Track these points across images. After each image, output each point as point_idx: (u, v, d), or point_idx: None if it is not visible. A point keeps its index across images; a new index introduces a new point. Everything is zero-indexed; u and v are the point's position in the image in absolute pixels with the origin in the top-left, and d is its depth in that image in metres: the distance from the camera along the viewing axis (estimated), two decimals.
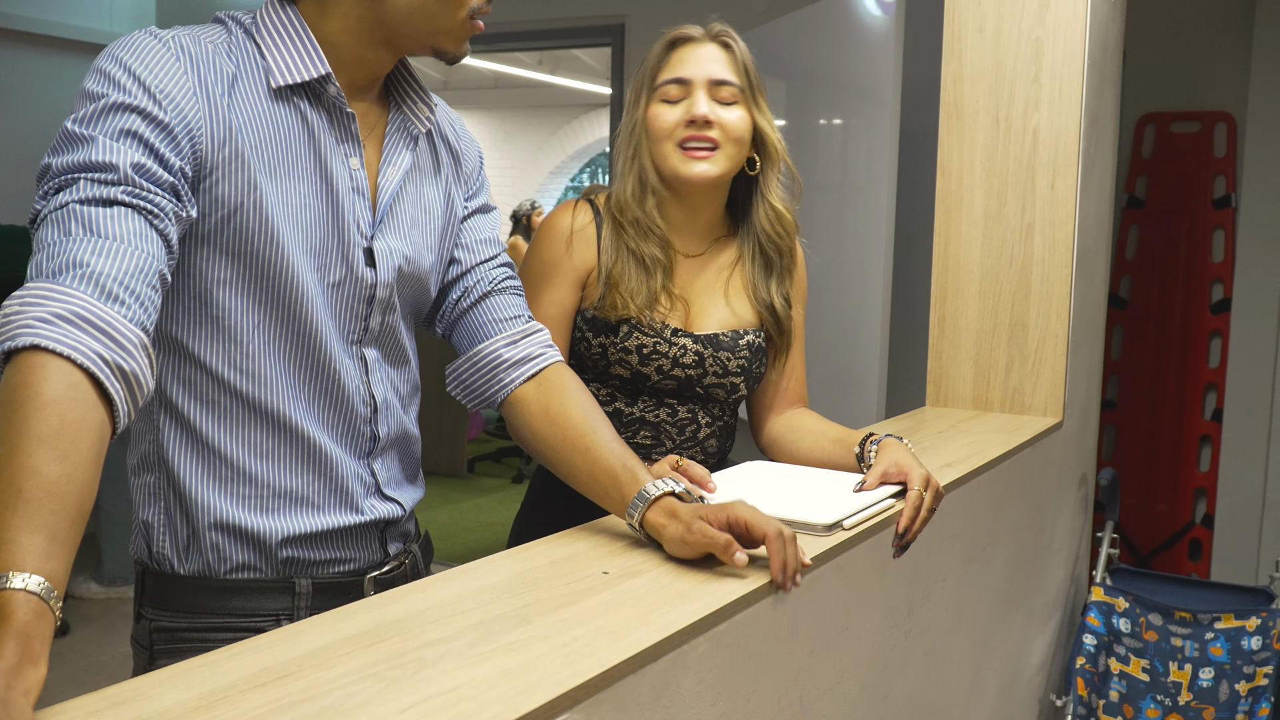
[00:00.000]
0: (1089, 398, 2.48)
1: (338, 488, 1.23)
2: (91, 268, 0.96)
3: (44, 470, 0.83)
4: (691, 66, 1.61)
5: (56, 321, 0.91)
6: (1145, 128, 4.38)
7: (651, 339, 1.62)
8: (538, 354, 1.36)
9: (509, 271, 1.41)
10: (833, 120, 3.30)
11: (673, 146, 1.60)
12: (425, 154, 1.31)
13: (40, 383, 0.87)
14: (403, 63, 1.27)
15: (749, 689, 1.12)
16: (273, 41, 1.16)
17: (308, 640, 0.93)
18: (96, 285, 0.95)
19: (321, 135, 1.18)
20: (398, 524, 1.32)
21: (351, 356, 1.24)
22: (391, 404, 1.29)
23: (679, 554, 1.19)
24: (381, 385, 1.27)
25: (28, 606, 0.76)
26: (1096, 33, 2.20)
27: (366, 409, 1.26)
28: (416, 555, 1.37)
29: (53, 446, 0.84)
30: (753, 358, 1.68)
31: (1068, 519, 2.41)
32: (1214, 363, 4.33)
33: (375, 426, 1.27)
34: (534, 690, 0.84)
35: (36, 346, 0.89)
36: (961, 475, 1.65)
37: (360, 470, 1.26)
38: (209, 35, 1.15)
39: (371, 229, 1.22)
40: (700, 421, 1.68)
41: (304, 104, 1.17)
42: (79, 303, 0.93)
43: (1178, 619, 2.34)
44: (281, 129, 1.15)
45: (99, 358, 0.91)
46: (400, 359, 1.31)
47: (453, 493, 6.32)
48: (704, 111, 1.58)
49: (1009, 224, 2.23)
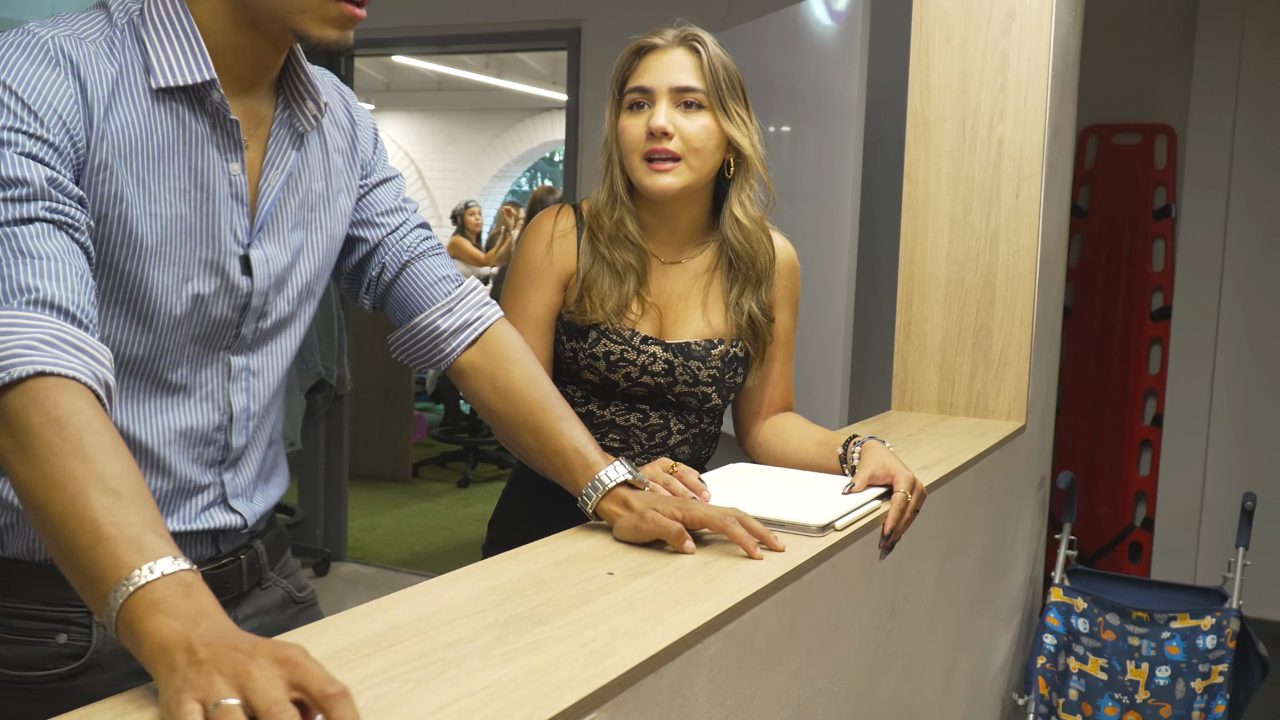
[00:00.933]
0: (1048, 402, 2.53)
1: (175, 497, 1.19)
2: (42, 292, 0.95)
3: (125, 474, 0.87)
4: (654, 75, 1.59)
5: (45, 347, 0.92)
6: (1088, 139, 4.48)
7: (619, 346, 1.62)
8: (474, 318, 1.35)
9: (424, 233, 1.38)
10: (796, 129, 3.33)
11: (639, 159, 1.59)
12: (315, 149, 1.26)
13: (72, 401, 0.89)
14: (294, 59, 1.22)
15: (753, 688, 1.13)
16: (158, 37, 1.10)
17: (327, 641, 0.92)
18: (54, 309, 0.95)
19: (201, 141, 1.13)
20: (235, 532, 1.27)
21: (213, 364, 1.20)
22: (251, 413, 1.25)
23: (628, 539, 1.24)
24: (243, 394, 1.23)
25: (201, 581, 0.81)
26: (1059, 45, 2.25)
27: (222, 416, 1.22)
28: (259, 552, 1.31)
29: (118, 455, 0.88)
30: (725, 368, 1.66)
31: (1028, 521, 2.46)
32: (1154, 369, 4.44)
33: (229, 435, 1.23)
34: (562, 690, 0.84)
35: (43, 373, 0.90)
36: (940, 477, 1.68)
37: (208, 480, 1.22)
38: (90, 31, 1.09)
39: (249, 236, 1.18)
40: (672, 428, 1.67)
41: (184, 108, 1.11)
42: (52, 328, 0.93)
43: (1135, 619, 2.40)
44: (156, 135, 1.10)
45: (93, 375, 0.93)
46: (274, 362, 1.27)
47: (398, 498, 6.26)
48: (661, 123, 1.56)
49: (974, 231, 2.27)
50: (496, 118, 11.52)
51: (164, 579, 0.79)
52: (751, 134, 1.62)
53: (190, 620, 0.77)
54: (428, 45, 5.87)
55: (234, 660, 0.72)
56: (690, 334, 1.66)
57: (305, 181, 1.24)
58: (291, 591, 1.36)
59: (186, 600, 0.78)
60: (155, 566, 0.80)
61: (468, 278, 1.40)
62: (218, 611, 0.79)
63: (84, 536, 0.82)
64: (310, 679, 0.72)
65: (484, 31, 5.28)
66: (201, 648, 0.74)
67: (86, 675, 1.15)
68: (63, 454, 0.86)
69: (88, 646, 1.15)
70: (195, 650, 0.74)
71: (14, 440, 0.88)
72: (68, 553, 0.84)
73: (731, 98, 1.60)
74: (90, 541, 0.82)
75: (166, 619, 0.77)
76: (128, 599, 0.79)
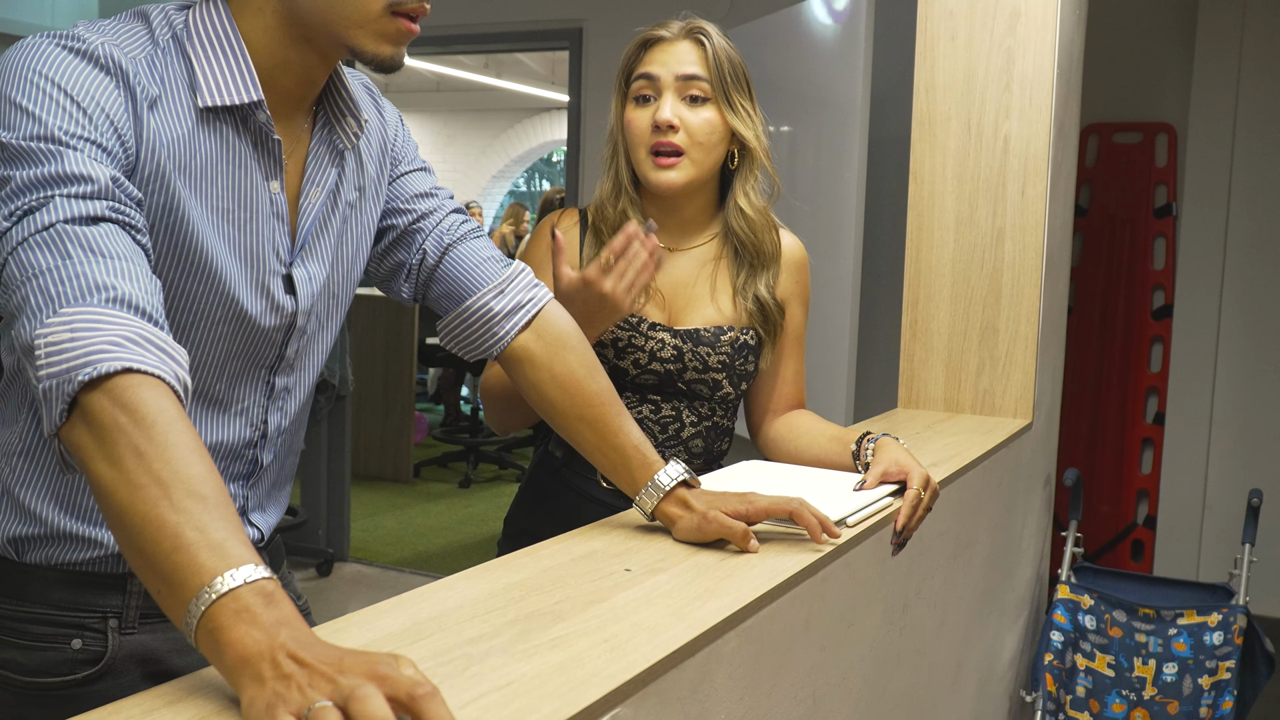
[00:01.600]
0: (1053, 400, 2.54)
1: None
2: (118, 290, 0.93)
3: (208, 477, 0.85)
4: (660, 64, 1.60)
5: (129, 345, 0.89)
6: (1089, 138, 4.48)
7: (627, 332, 1.62)
8: (527, 299, 1.31)
9: (462, 216, 1.35)
10: (800, 128, 3.33)
11: (645, 153, 1.60)
12: (351, 161, 1.24)
13: (159, 399, 0.87)
14: (337, 76, 1.20)
15: (770, 684, 1.13)
16: (204, 52, 1.08)
17: (348, 637, 0.92)
18: (132, 307, 0.93)
19: (244, 160, 1.11)
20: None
21: (255, 383, 1.19)
22: (283, 430, 1.25)
23: (690, 540, 1.23)
24: (279, 414, 1.23)
25: (281, 590, 0.80)
26: (1064, 43, 2.26)
27: (255, 434, 1.21)
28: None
29: (201, 456, 0.86)
30: (735, 354, 1.66)
31: (1035, 518, 2.46)
32: (1155, 367, 4.45)
33: (259, 452, 1.22)
34: (587, 685, 0.85)
35: (130, 369, 0.88)
36: (951, 473, 1.68)
37: (234, 494, 1.21)
38: (132, 45, 1.06)
39: (291, 255, 1.17)
40: (685, 420, 1.67)
41: (228, 127, 1.10)
42: (134, 326, 0.91)
43: (1141, 615, 2.40)
44: (200, 153, 1.08)
45: (175, 375, 0.92)
46: (310, 379, 1.27)
47: (399, 498, 6.26)
48: (666, 116, 1.57)
49: (980, 229, 2.27)
50: (495, 118, 11.52)
51: (246, 587, 0.78)
52: (756, 126, 1.64)
53: (273, 630, 0.76)
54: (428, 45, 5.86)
55: (323, 675, 0.72)
56: (699, 321, 1.67)
57: (343, 195, 1.23)
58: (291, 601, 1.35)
59: (268, 609, 0.77)
60: (237, 574, 0.78)
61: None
62: (298, 620, 0.78)
63: (166, 541, 0.81)
64: (399, 687, 0.71)
65: (485, 31, 5.28)
66: (285, 660, 0.73)
67: (102, 681, 1.14)
68: (147, 455, 0.84)
69: (103, 652, 1.14)
70: (280, 663, 0.73)
71: (96, 439, 0.86)
72: (149, 557, 0.82)
73: (736, 90, 1.61)
74: (172, 546, 0.80)
75: (249, 629, 0.76)
76: (210, 607, 0.77)
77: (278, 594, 0.80)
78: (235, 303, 1.12)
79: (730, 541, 1.22)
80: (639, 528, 1.29)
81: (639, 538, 1.26)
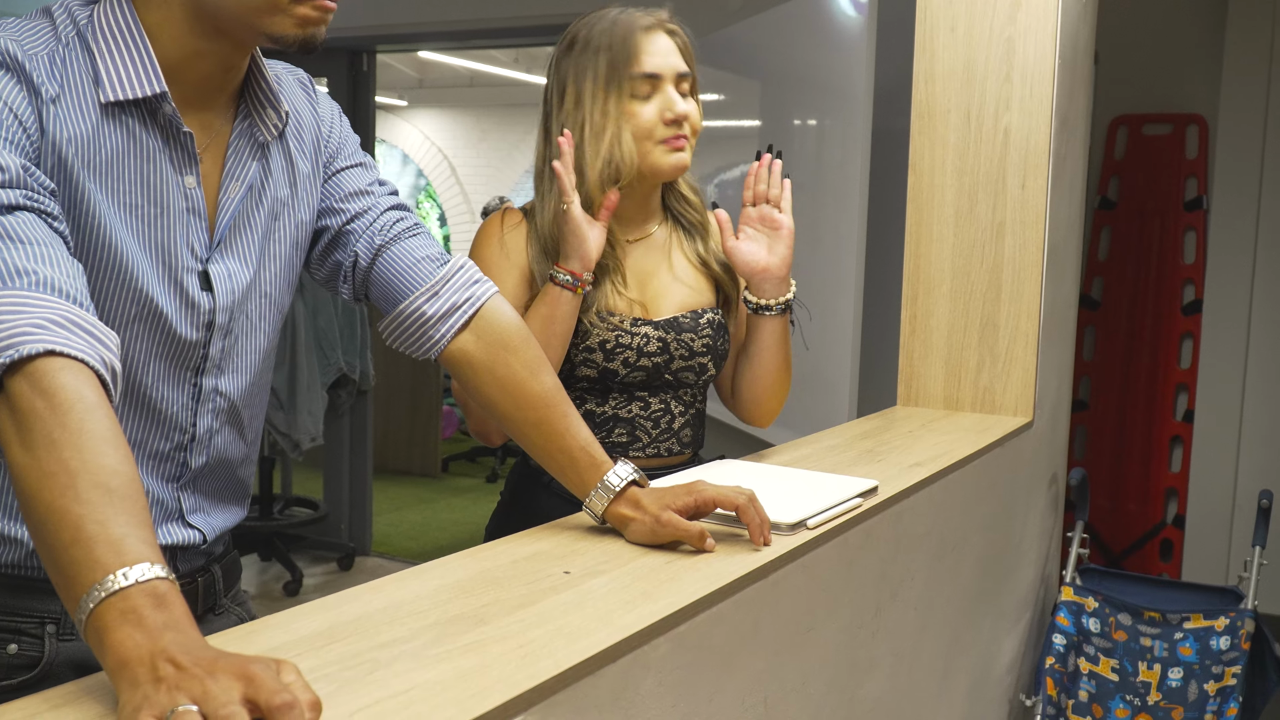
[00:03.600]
0: (1059, 397, 2.48)
1: None
2: (41, 275, 0.92)
3: (120, 469, 0.83)
4: (659, 60, 1.62)
5: (53, 327, 0.88)
6: (1118, 129, 4.40)
7: (613, 333, 1.61)
8: (464, 299, 1.27)
9: (398, 214, 1.30)
10: (806, 119, 3.29)
11: (653, 144, 1.62)
12: (278, 156, 1.22)
13: (78, 385, 0.86)
14: (256, 67, 1.18)
15: (711, 689, 1.11)
16: (107, 47, 1.07)
17: (260, 640, 0.91)
18: (56, 290, 0.92)
19: (153, 155, 1.09)
20: (193, 549, 1.24)
21: (181, 385, 1.17)
22: (215, 431, 1.21)
23: (642, 543, 1.20)
24: (209, 415, 1.20)
25: (175, 591, 0.78)
26: (1067, 33, 2.21)
27: (183, 436, 1.19)
28: (215, 576, 1.28)
29: (115, 446, 0.84)
30: (716, 335, 1.69)
31: (1038, 519, 2.41)
32: (1185, 364, 4.35)
33: (188, 454, 1.20)
34: (488, 692, 0.83)
35: (52, 352, 0.86)
36: (929, 475, 1.65)
37: (164, 495, 1.19)
38: (34, 42, 1.05)
39: (207, 251, 1.15)
40: (674, 411, 1.68)
41: (134, 121, 1.08)
42: (58, 308, 0.90)
43: (1147, 619, 2.35)
44: (105, 149, 1.06)
45: (100, 359, 0.90)
46: (245, 381, 1.23)
47: (426, 493, 6.29)
48: (684, 109, 1.63)
49: (980, 223, 2.23)
50: (528, 113, 11.51)
51: (137, 587, 0.76)
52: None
53: (156, 634, 0.74)
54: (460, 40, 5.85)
55: (194, 677, 0.70)
56: (674, 307, 1.69)
57: (270, 190, 1.21)
58: (244, 619, 1.33)
59: (156, 611, 0.76)
60: (130, 573, 0.77)
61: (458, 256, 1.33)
62: (187, 624, 0.77)
63: (66, 532, 0.79)
64: (261, 691, 0.70)
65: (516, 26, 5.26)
66: (163, 664, 0.72)
67: (39, 687, 1.13)
68: (60, 443, 0.82)
69: (40, 657, 1.13)
70: (157, 667, 0.72)
71: (15, 424, 0.85)
72: (50, 548, 0.81)
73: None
74: (71, 538, 0.79)
75: (133, 631, 0.74)
76: (98, 605, 0.76)
77: (170, 595, 0.78)
78: (148, 300, 1.10)
79: (686, 542, 1.19)
80: (591, 529, 1.27)
81: (588, 539, 1.23)
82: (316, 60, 5.11)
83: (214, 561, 1.29)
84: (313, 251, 1.30)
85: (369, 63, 5.08)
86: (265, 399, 1.31)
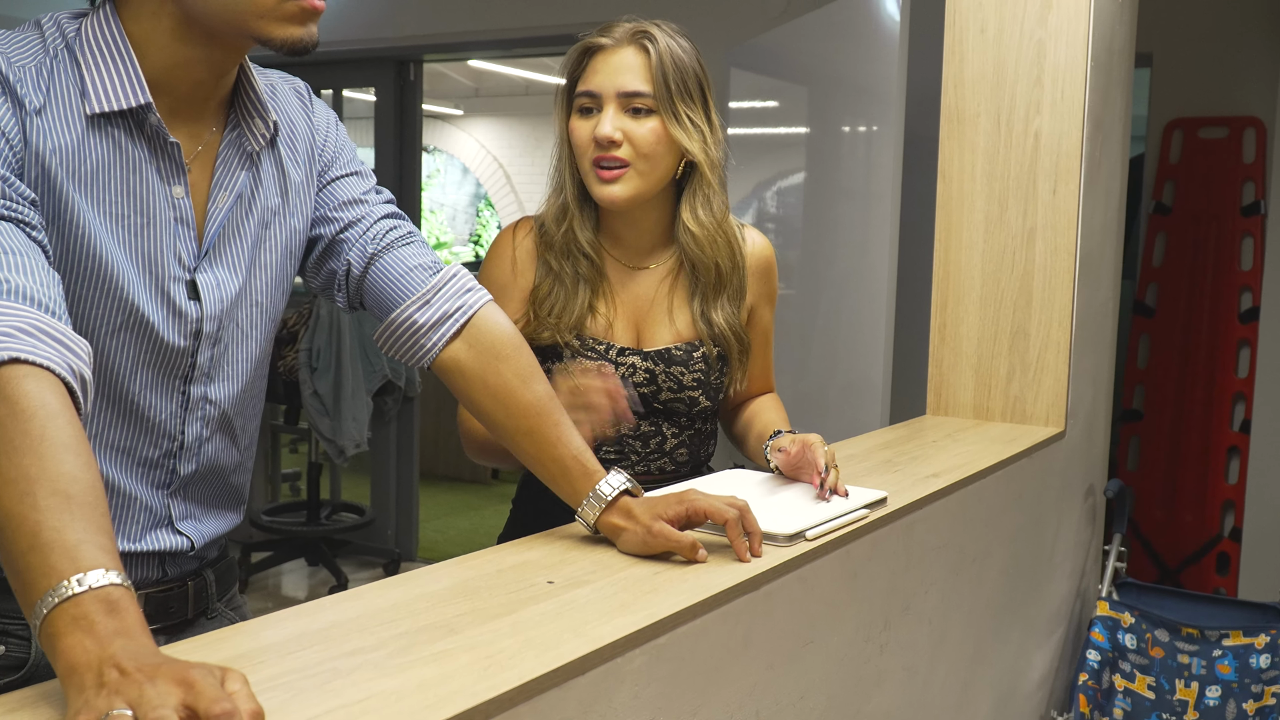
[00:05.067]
0: (1095, 407, 2.42)
1: (118, 515, 1.16)
2: (13, 284, 0.93)
3: (80, 475, 0.84)
4: (601, 77, 1.53)
5: (20, 335, 0.89)
6: (1173, 133, 4.30)
7: (596, 361, 1.56)
8: (455, 308, 1.26)
9: (392, 223, 1.29)
10: (840, 125, 3.26)
11: (589, 165, 1.54)
12: (269, 166, 1.22)
13: (41, 393, 0.87)
14: (245, 77, 1.18)
15: (696, 703, 1.09)
16: (93, 59, 1.08)
17: (226, 647, 0.91)
18: (28, 298, 0.93)
19: (139, 165, 1.10)
20: (181, 554, 1.24)
21: (169, 394, 1.17)
22: (204, 439, 1.22)
23: (635, 553, 1.19)
24: (198, 424, 1.20)
25: (130, 597, 0.78)
26: (1101, 34, 2.16)
27: (172, 444, 1.19)
28: (208, 580, 1.29)
29: (77, 453, 0.85)
30: (709, 369, 1.62)
31: (1072, 531, 2.36)
32: (1242, 373, 4.24)
33: (177, 462, 1.20)
34: (444, 702, 0.82)
35: (17, 360, 0.87)
36: (944, 486, 1.61)
37: (153, 501, 1.19)
38: (22, 54, 1.07)
39: (196, 260, 1.15)
40: (665, 433, 1.63)
41: (120, 132, 1.09)
42: (27, 316, 0.91)
43: (1185, 635, 2.28)
44: (90, 160, 1.07)
45: (69, 368, 0.91)
46: (235, 389, 1.23)
47: (475, 499, 6.31)
48: (606, 131, 1.50)
49: (1010, 229, 2.18)
50: None
51: (90, 593, 0.77)
52: (706, 137, 1.55)
53: (105, 640, 0.74)
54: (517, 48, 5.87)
55: (134, 683, 0.71)
56: (669, 339, 1.62)
57: (261, 200, 1.21)
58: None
59: (108, 618, 0.76)
60: (84, 579, 0.77)
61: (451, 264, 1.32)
62: (139, 631, 0.77)
63: (24, 539, 0.80)
64: (200, 699, 0.70)
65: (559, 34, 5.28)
66: (109, 670, 0.72)
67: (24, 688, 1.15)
68: (20, 449, 0.83)
69: (26, 659, 1.14)
70: (103, 674, 0.72)
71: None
72: (7, 554, 0.81)
73: (683, 100, 1.53)
74: (28, 545, 0.80)
75: (83, 638, 0.75)
76: (51, 611, 0.76)
77: (123, 602, 0.78)
78: (134, 309, 1.11)
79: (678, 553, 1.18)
80: (583, 539, 1.26)
81: (579, 549, 1.22)
82: (363, 70, 5.17)
83: (206, 566, 1.29)
84: (307, 260, 1.31)
85: (415, 72, 5.12)
86: (260, 406, 1.32)
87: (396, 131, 5.12)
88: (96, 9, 1.11)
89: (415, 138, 5.18)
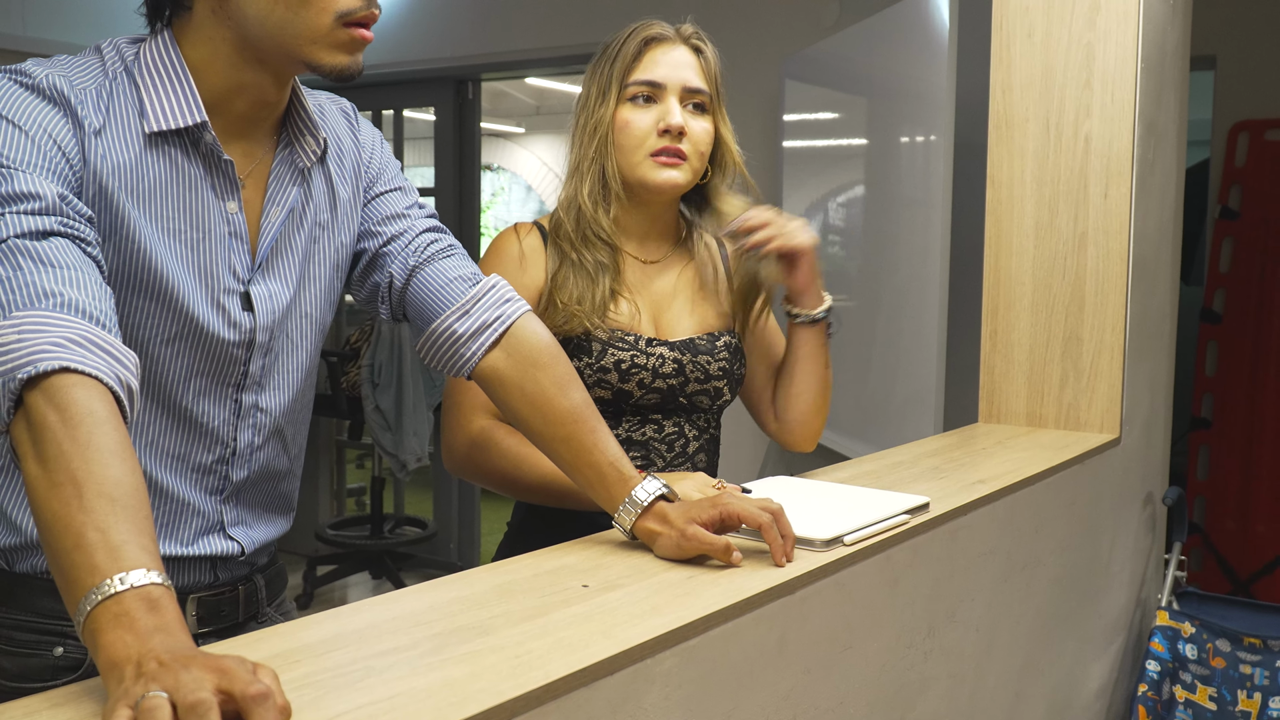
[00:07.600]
0: (1154, 414, 2.39)
1: (171, 520, 1.21)
2: (66, 297, 0.97)
3: (124, 479, 0.87)
4: (665, 69, 1.57)
5: (71, 345, 0.93)
6: (1238, 136, 4.22)
7: (628, 353, 1.58)
8: (494, 317, 1.28)
9: (433, 236, 1.34)
10: (900, 133, 3.24)
11: (644, 155, 1.57)
12: (319, 182, 1.27)
13: (89, 400, 0.90)
14: (296, 97, 1.23)
15: (729, 705, 1.10)
16: (151, 81, 1.13)
17: (265, 646, 0.93)
18: (80, 311, 0.97)
19: (195, 182, 1.15)
20: (232, 559, 1.28)
21: (222, 401, 1.22)
22: (256, 446, 1.26)
23: (669, 557, 1.20)
24: (250, 431, 1.25)
25: (170, 597, 0.82)
26: (1151, 36, 2.13)
27: (225, 450, 1.23)
28: (258, 585, 1.33)
29: (122, 459, 0.89)
30: (733, 358, 1.66)
31: (1131, 540, 2.32)
32: None
33: (230, 468, 1.25)
34: (471, 700, 0.83)
35: (67, 369, 0.91)
36: (990, 492, 1.60)
37: (206, 507, 1.24)
38: (83, 77, 1.12)
39: (249, 273, 1.20)
40: (688, 435, 1.64)
41: (177, 151, 1.14)
42: (79, 328, 0.95)
43: (1246, 645, 2.23)
44: (148, 177, 1.12)
45: (116, 377, 0.95)
46: (286, 399, 1.28)
47: None
48: (679, 121, 1.56)
49: (1061, 234, 2.16)
50: None
51: (131, 591, 0.80)
52: (735, 139, 1.64)
53: (145, 636, 0.77)
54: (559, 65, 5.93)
55: (169, 671, 0.73)
56: (690, 329, 1.66)
57: (311, 214, 1.26)
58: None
59: (149, 615, 0.79)
60: (126, 578, 0.80)
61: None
62: (178, 628, 0.80)
63: (69, 539, 0.83)
64: (235, 682, 0.73)
65: None
66: (149, 662, 0.75)
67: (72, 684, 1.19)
68: (68, 454, 0.87)
69: (83, 660, 1.18)
70: (142, 665, 0.75)
71: (31, 437, 0.89)
72: (53, 553, 0.85)
73: (723, 102, 1.61)
74: (73, 545, 0.83)
75: (124, 634, 0.78)
76: (94, 608, 0.80)
77: (163, 601, 0.81)
78: (190, 318, 1.16)
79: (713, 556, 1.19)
80: (620, 544, 1.27)
81: (615, 554, 1.23)
82: (423, 90, 5.24)
83: (257, 571, 1.33)
84: (353, 273, 1.35)
85: (474, 90, 5.18)
86: (308, 416, 1.36)
87: (456, 150, 5.19)
88: (155, 34, 1.17)
89: (475, 156, 5.24)
